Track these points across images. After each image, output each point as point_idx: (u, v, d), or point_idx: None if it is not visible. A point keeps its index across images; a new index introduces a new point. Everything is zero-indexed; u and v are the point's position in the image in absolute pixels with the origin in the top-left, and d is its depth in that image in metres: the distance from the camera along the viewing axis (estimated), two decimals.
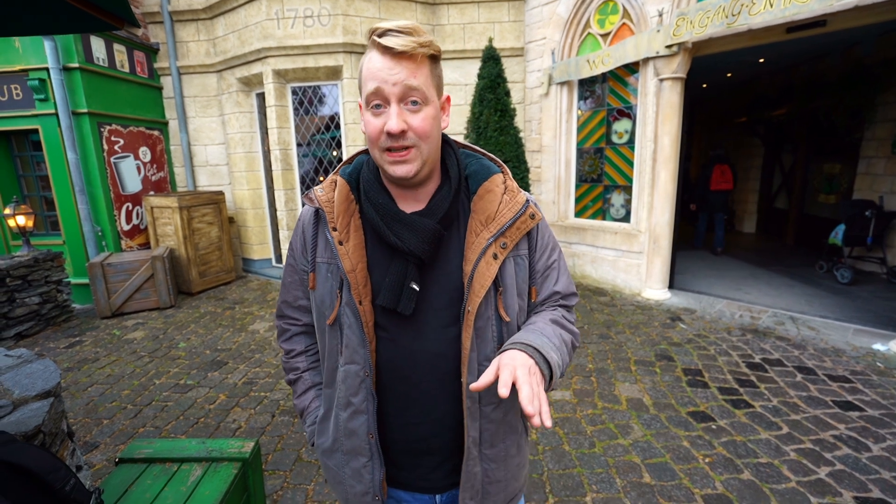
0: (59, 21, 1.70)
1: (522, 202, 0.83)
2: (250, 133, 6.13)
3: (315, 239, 0.87)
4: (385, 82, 0.72)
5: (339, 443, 0.88)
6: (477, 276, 0.78)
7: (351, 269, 0.80)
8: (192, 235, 5.48)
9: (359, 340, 0.81)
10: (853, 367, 3.21)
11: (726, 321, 4.16)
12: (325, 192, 0.85)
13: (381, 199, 0.81)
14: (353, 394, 0.83)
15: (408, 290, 0.78)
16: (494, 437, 0.86)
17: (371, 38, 0.73)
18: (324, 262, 0.85)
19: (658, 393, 2.95)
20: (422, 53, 0.73)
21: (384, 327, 0.82)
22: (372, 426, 0.84)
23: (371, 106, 0.75)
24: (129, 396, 3.08)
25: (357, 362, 0.82)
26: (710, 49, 4.32)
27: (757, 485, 2.11)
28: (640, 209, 4.92)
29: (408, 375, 0.82)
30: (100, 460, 2.39)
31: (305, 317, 0.98)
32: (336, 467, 0.91)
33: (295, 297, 0.97)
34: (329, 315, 0.83)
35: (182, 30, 6.00)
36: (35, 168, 5.33)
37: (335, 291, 0.83)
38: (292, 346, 1.01)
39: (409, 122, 0.74)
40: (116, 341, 4.12)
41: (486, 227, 0.81)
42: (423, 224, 0.78)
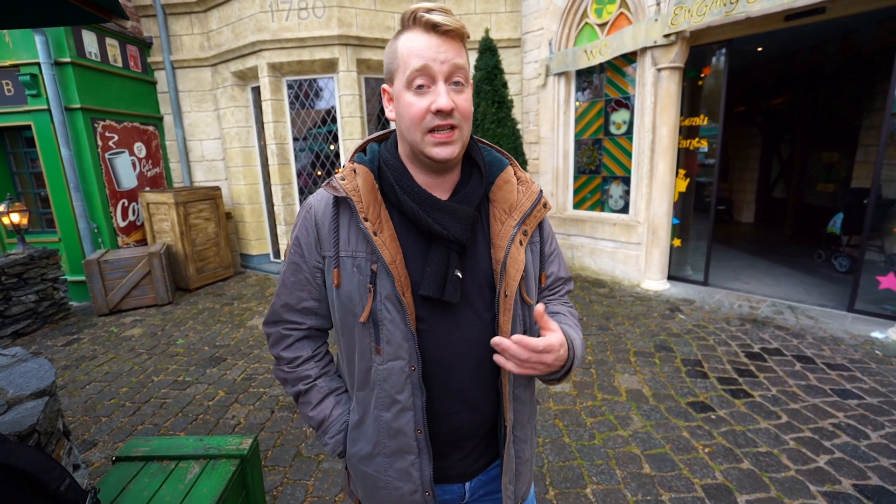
0: (46, 13, 1.66)
1: (537, 192, 0.87)
2: (246, 127, 6.08)
3: (336, 231, 0.81)
4: (434, 60, 0.71)
5: (381, 446, 0.84)
6: (510, 262, 0.81)
7: (392, 261, 0.77)
8: (188, 231, 5.45)
9: (403, 335, 0.78)
10: (852, 355, 3.21)
11: (725, 311, 4.16)
12: (347, 181, 0.80)
13: (416, 188, 0.79)
14: (399, 391, 0.80)
15: (453, 277, 0.77)
16: (523, 417, 0.90)
17: (414, 16, 0.72)
18: (349, 256, 0.80)
19: (657, 384, 2.96)
20: (464, 34, 0.74)
21: (423, 319, 0.80)
22: (420, 421, 0.81)
23: (414, 86, 0.73)
24: (128, 394, 3.07)
25: (402, 357, 0.79)
26: (708, 38, 4.28)
27: (756, 474, 2.11)
28: (639, 200, 4.90)
29: (448, 365, 0.82)
30: (98, 458, 2.39)
31: (309, 319, 0.90)
32: (377, 472, 0.86)
33: (299, 298, 0.88)
34: (361, 312, 0.79)
35: (175, 23, 5.92)
36: (29, 165, 5.27)
37: (366, 286, 0.78)
38: (296, 354, 0.91)
39: (455, 101, 0.73)
40: (114, 339, 4.11)
41: (510, 215, 0.84)
42: (463, 211, 0.79)
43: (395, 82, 0.76)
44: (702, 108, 4.67)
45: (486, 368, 0.84)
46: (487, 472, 0.92)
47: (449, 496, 0.90)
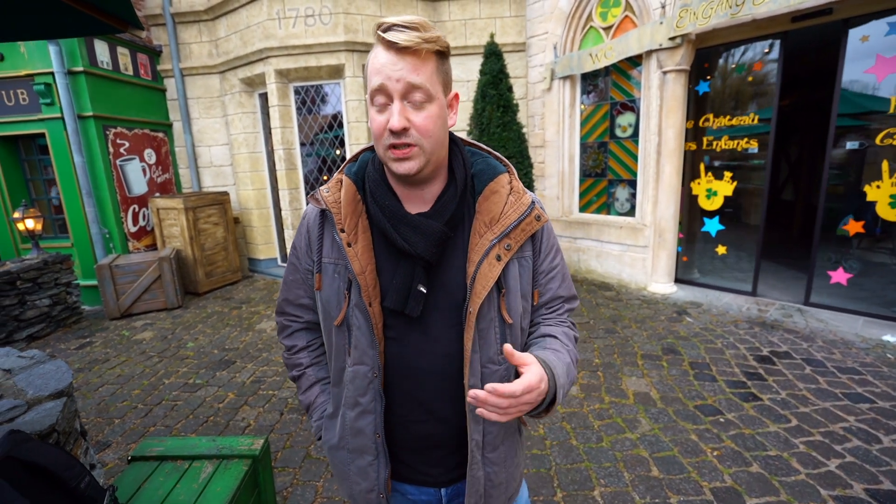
0: (63, 25, 1.71)
1: (528, 203, 0.83)
2: (254, 133, 6.15)
3: (321, 239, 0.85)
4: (388, 78, 0.71)
5: (345, 440, 0.89)
6: (479, 278, 0.78)
7: (360, 272, 0.79)
8: (198, 236, 5.52)
9: (368, 342, 0.81)
10: (863, 358, 3.18)
11: (733, 314, 4.14)
12: (331, 193, 0.83)
13: (387, 201, 0.79)
14: (361, 394, 0.84)
15: (415, 292, 0.78)
16: (496, 440, 0.87)
17: (376, 34, 0.72)
18: (330, 263, 0.84)
19: (665, 387, 2.95)
20: (426, 49, 0.71)
21: (392, 328, 0.82)
22: (379, 426, 0.84)
23: (376, 103, 0.74)
24: (140, 396, 3.12)
25: (366, 363, 0.82)
26: (714, 40, 4.28)
27: (766, 477, 2.10)
28: (645, 203, 4.89)
29: (414, 376, 0.83)
30: (112, 459, 2.43)
31: (307, 314, 0.97)
32: (342, 464, 0.92)
33: (297, 295, 0.96)
34: (336, 316, 0.83)
35: (184, 31, 6.02)
36: (42, 172, 5.38)
37: (342, 292, 0.82)
38: (294, 342, 1.00)
39: (412, 119, 0.72)
40: (126, 342, 4.17)
41: (490, 228, 0.81)
42: (430, 226, 0.77)
43: (367, 95, 0.77)
44: (750, 107, 4.36)
45: (454, 382, 0.83)
46: (464, 483, 0.90)
47: (426, 497, 0.91)
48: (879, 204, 3.71)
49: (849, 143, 3.92)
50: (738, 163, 4.50)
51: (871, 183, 3.74)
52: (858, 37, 3.63)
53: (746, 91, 4.38)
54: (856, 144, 3.91)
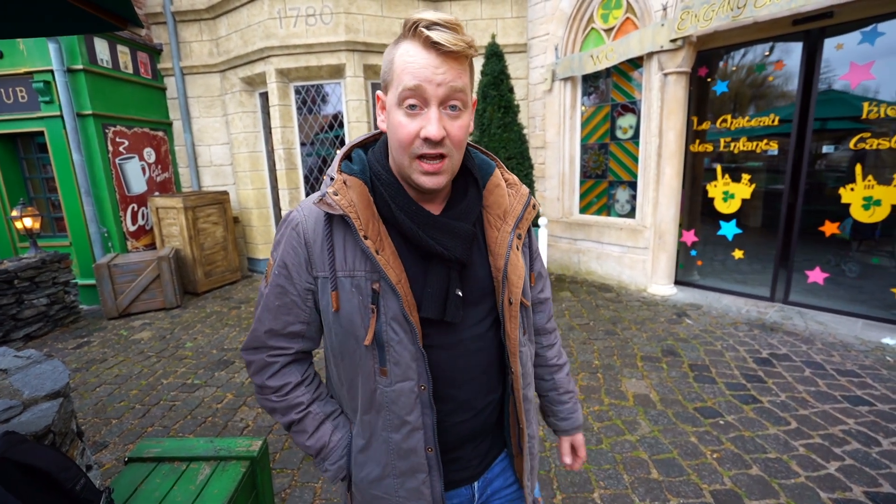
0: (62, 22, 1.71)
1: (526, 194, 0.86)
2: (254, 133, 6.14)
3: (331, 251, 0.75)
4: (429, 82, 0.66)
5: (390, 467, 0.81)
6: (511, 269, 0.80)
7: (397, 280, 0.73)
8: (197, 236, 5.50)
9: (412, 355, 0.75)
10: (862, 361, 3.18)
11: (733, 316, 4.14)
12: (341, 196, 0.73)
13: (412, 206, 0.75)
14: (408, 412, 0.77)
15: (453, 297, 0.75)
16: (531, 416, 0.92)
17: (414, 29, 0.66)
18: (346, 276, 0.75)
19: (665, 389, 2.94)
20: (467, 55, 0.68)
21: (427, 335, 0.77)
22: (431, 440, 0.79)
23: (405, 105, 0.68)
24: (137, 396, 3.10)
25: (411, 378, 0.76)
26: (715, 43, 4.28)
27: (766, 480, 2.10)
28: (646, 205, 4.89)
29: (455, 378, 0.81)
30: (109, 460, 2.41)
31: (297, 343, 0.83)
32: (387, 494, 0.83)
33: (285, 323, 0.81)
34: (364, 335, 0.74)
35: (185, 30, 6.01)
36: (41, 170, 5.36)
37: (367, 307, 0.74)
38: (284, 381, 0.84)
39: (448, 128, 0.68)
40: (124, 342, 4.15)
41: (505, 220, 0.82)
42: (461, 228, 0.75)
43: (389, 94, 0.71)
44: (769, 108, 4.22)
45: (489, 373, 0.85)
46: (492, 469, 0.92)
47: (458, 500, 0.89)
48: (853, 206, 3.81)
49: (825, 146, 3.98)
50: (757, 164, 4.37)
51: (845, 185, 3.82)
52: (834, 45, 3.72)
53: (764, 92, 4.26)
54: (832, 148, 3.98)
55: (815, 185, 4.10)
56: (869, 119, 3.61)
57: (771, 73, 4.15)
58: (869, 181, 3.68)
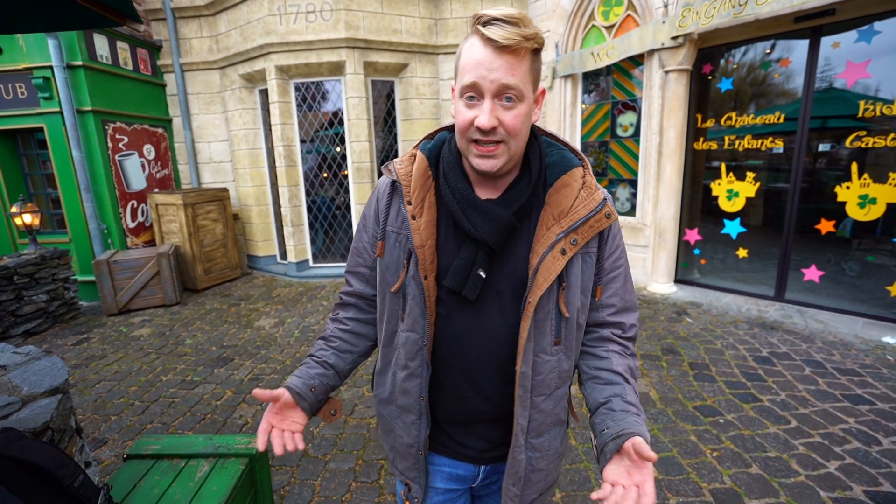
0: (62, 18, 1.70)
1: (599, 200, 0.81)
2: (254, 129, 6.13)
3: (388, 209, 0.88)
4: (483, 78, 0.71)
5: (394, 396, 0.93)
6: (542, 270, 0.79)
7: (420, 245, 0.81)
8: (196, 232, 5.50)
9: (419, 312, 0.84)
10: (862, 360, 3.18)
11: (733, 315, 4.13)
12: (403, 166, 0.86)
13: (459, 184, 0.81)
14: (411, 358, 0.87)
15: (475, 275, 0.80)
16: (541, 426, 0.88)
17: (475, 26, 0.71)
18: (393, 232, 0.87)
19: (665, 387, 2.94)
20: (526, 48, 0.70)
21: (445, 304, 0.85)
22: (424, 390, 0.88)
23: (465, 96, 0.74)
24: (137, 393, 3.10)
25: (416, 332, 0.85)
26: (717, 40, 4.26)
27: (765, 479, 2.09)
28: (646, 203, 4.88)
29: (464, 352, 0.86)
30: (108, 456, 2.41)
31: (358, 283, 0.99)
32: (389, 417, 0.96)
33: (355, 263, 0.98)
34: (393, 283, 0.86)
35: (185, 26, 5.99)
36: (41, 166, 5.35)
37: (402, 262, 0.85)
38: (337, 311, 1.04)
39: (501, 118, 0.73)
40: (123, 338, 4.15)
41: (558, 221, 0.80)
42: (498, 214, 0.79)
43: (455, 85, 0.78)
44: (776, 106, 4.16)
45: (502, 366, 0.85)
46: (504, 464, 0.93)
47: (463, 472, 0.96)
48: (849, 204, 3.81)
49: (825, 144, 3.97)
50: (762, 162, 4.31)
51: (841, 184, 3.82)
52: (830, 43, 3.71)
53: (769, 89, 4.20)
54: (828, 146, 3.97)
55: (815, 184, 4.09)
56: (865, 117, 3.60)
57: (776, 71, 4.12)
58: (865, 179, 3.68)
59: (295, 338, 4.01)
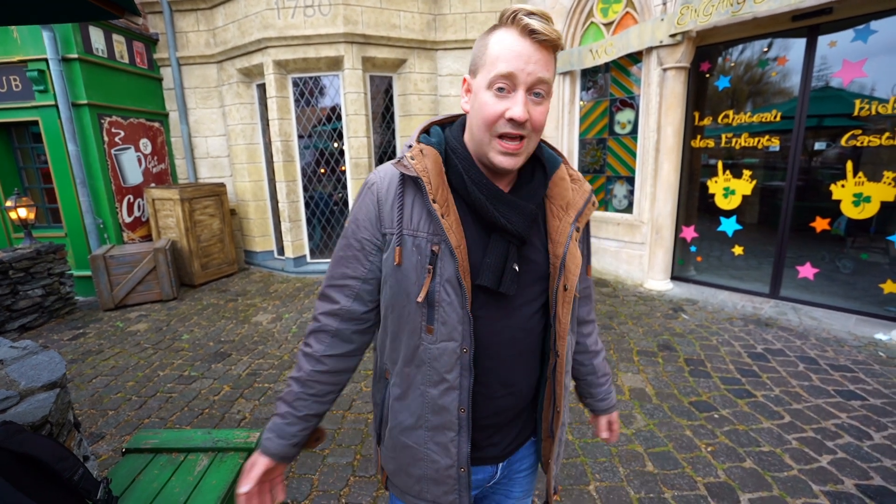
0: (58, 9, 1.68)
1: (589, 190, 0.91)
2: (251, 124, 6.10)
3: (401, 209, 0.80)
4: (521, 69, 0.71)
5: (424, 419, 0.86)
6: (570, 258, 0.85)
7: (457, 245, 0.77)
8: (193, 227, 5.48)
9: (459, 318, 0.79)
10: (855, 356, 3.21)
11: (728, 311, 4.17)
12: (417, 161, 0.79)
13: (484, 179, 0.80)
14: (448, 371, 0.82)
15: (510, 270, 0.80)
16: (566, 402, 0.96)
17: (514, 16, 0.72)
18: (410, 235, 0.80)
19: (660, 383, 2.96)
20: (559, 45, 0.74)
21: (477, 304, 0.82)
22: (465, 401, 0.83)
23: (495, 88, 0.73)
24: (134, 388, 3.10)
25: (455, 339, 0.80)
26: (715, 38, 4.27)
27: (759, 473, 2.12)
28: (643, 200, 4.90)
29: (497, 351, 0.84)
30: (106, 451, 2.42)
31: (345, 300, 0.87)
32: (417, 444, 0.87)
33: (342, 274, 0.87)
34: (417, 292, 0.79)
35: (182, 20, 5.94)
36: (36, 160, 5.31)
37: (424, 266, 0.79)
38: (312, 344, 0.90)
39: (531, 112, 0.74)
40: (120, 333, 4.14)
41: (567, 212, 0.87)
42: (526, 206, 0.81)
43: (478, 77, 0.76)
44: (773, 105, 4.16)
45: (531, 356, 0.89)
46: (518, 452, 0.96)
47: (482, 476, 0.94)
48: (844, 202, 3.83)
49: (821, 143, 3.99)
50: (758, 160, 4.33)
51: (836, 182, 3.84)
52: (827, 42, 3.73)
53: (766, 87, 4.20)
54: (823, 145, 3.99)
55: (811, 182, 4.11)
56: (861, 116, 3.62)
57: (773, 69, 4.13)
58: (859, 178, 3.70)
59: (292, 333, 4.01)
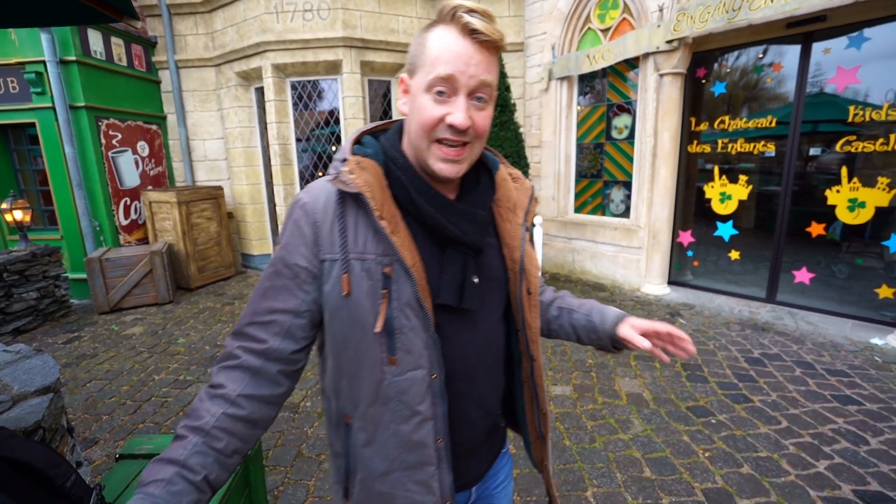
0: (57, 13, 1.68)
1: (530, 187, 0.89)
2: (249, 128, 6.09)
3: (343, 231, 0.71)
4: (462, 72, 0.66)
5: (398, 461, 0.76)
6: (528, 260, 0.82)
7: (413, 264, 0.70)
8: (190, 231, 5.46)
9: (424, 342, 0.72)
10: (851, 361, 3.22)
11: (725, 316, 4.18)
12: (357, 175, 0.70)
13: (430, 189, 0.74)
14: (419, 402, 0.73)
15: (469, 283, 0.74)
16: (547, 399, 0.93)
17: (453, 14, 0.66)
18: (357, 259, 0.71)
19: (658, 388, 2.96)
20: (502, 46, 0.69)
21: (440, 325, 0.75)
22: (441, 430, 0.75)
23: (434, 91, 0.68)
24: (129, 392, 3.08)
25: (423, 366, 0.72)
26: (711, 44, 4.30)
27: (757, 478, 2.12)
28: (640, 204, 4.92)
29: (467, 370, 0.78)
30: (99, 456, 2.39)
31: (274, 338, 0.73)
32: (394, 489, 0.77)
33: (269, 308, 0.73)
34: (373, 322, 0.70)
35: (180, 23, 5.95)
36: (32, 162, 5.29)
37: (378, 292, 0.70)
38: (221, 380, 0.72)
39: (473, 118, 0.69)
40: (115, 337, 4.11)
41: (515, 213, 0.84)
42: (477, 214, 0.76)
43: (416, 78, 0.70)
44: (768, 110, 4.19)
45: (498, 366, 0.85)
46: (492, 468, 0.92)
47: None
48: (839, 208, 3.86)
49: (816, 148, 4.03)
50: (754, 166, 4.35)
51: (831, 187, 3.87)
52: (821, 49, 3.77)
53: (762, 93, 4.23)
54: (818, 150, 4.03)
55: (806, 187, 4.14)
56: (855, 122, 3.65)
57: (769, 75, 4.16)
58: (854, 183, 3.73)
59: None
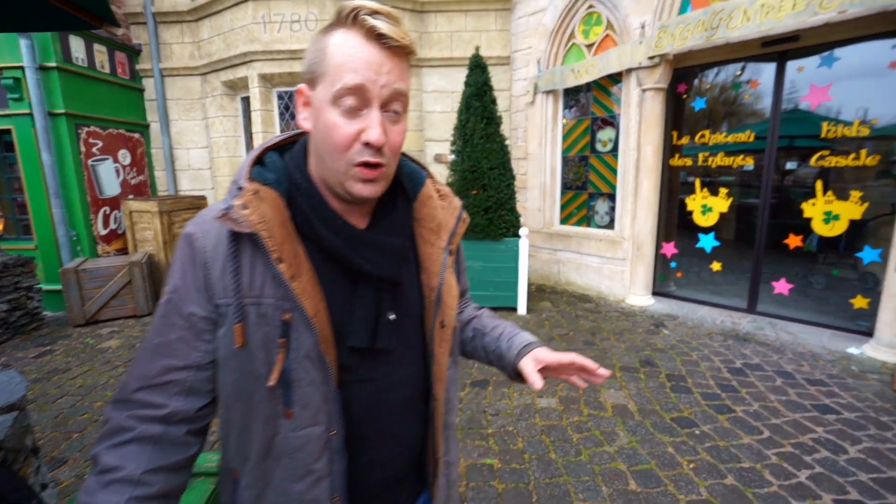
0: (35, 18, 1.65)
1: (458, 206, 0.80)
2: (234, 137, 6.04)
3: (236, 274, 0.62)
4: (373, 81, 0.58)
5: None
6: (446, 289, 0.74)
7: (314, 312, 0.62)
8: (172, 241, 5.34)
9: (324, 396, 0.64)
10: (829, 370, 3.28)
11: (708, 327, 4.23)
12: (251, 210, 0.60)
13: (336, 219, 0.66)
14: (314, 460, 0.66)
15: (384, 321, 0.67)
16: (452, 442, 0.84)
17: (354, 15, 0.58)
18: (252, 304, 0.62)
19: (643, 399, 2.97)
20: (413, 52, 0.62)
21: (351, 369, 0.67)
22: (338, 487, 0.68)
23: (343, 105, 0.59)
24: (102, 408, 2.96)
25: (320, 423, 0.65)
26: (691, 61, 4.43)
27: (740, 490, 2.13)
28: (624, 216, 4.99)
29: (381, 414, 0.71)
30: (68, 476, 2.29)
31: (175, 400, 0.64)
32: None
33: (164, 368, 0.64)
34: (267, 374, 0.62)
35: (166, 31, 5.90)
36: (7, 169, 5.13)
37: (274, 341, 0.62)
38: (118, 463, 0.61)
39: (388, 134, 0.62)
40: (90, 350, 3.97)
41: (438, 235, 0.75)
42: (392, 244, 0.68)
43: (318, 89, 0.61)
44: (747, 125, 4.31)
45: (416, 404, 0.77)
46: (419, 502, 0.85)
47: None
48: (814, 220, 3.98)
49: (792, 163, 4.17)
50: (734, 179, 4.48)
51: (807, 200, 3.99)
52: (795, 67, 3.92)
53: (740, 109, 4.37)
54: (794, 165, 4.17)
55: (784, 200, 4.26)
56: (828, 138, 3.78)
57: (746, 91, 4.30)
58: (829, 196, 3.85)
59: None
